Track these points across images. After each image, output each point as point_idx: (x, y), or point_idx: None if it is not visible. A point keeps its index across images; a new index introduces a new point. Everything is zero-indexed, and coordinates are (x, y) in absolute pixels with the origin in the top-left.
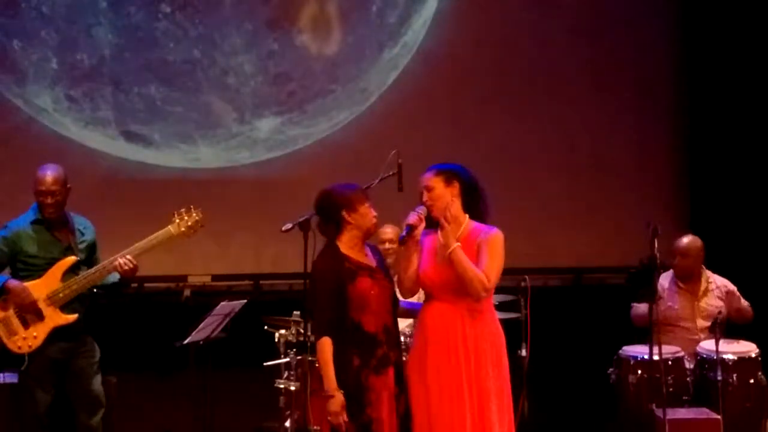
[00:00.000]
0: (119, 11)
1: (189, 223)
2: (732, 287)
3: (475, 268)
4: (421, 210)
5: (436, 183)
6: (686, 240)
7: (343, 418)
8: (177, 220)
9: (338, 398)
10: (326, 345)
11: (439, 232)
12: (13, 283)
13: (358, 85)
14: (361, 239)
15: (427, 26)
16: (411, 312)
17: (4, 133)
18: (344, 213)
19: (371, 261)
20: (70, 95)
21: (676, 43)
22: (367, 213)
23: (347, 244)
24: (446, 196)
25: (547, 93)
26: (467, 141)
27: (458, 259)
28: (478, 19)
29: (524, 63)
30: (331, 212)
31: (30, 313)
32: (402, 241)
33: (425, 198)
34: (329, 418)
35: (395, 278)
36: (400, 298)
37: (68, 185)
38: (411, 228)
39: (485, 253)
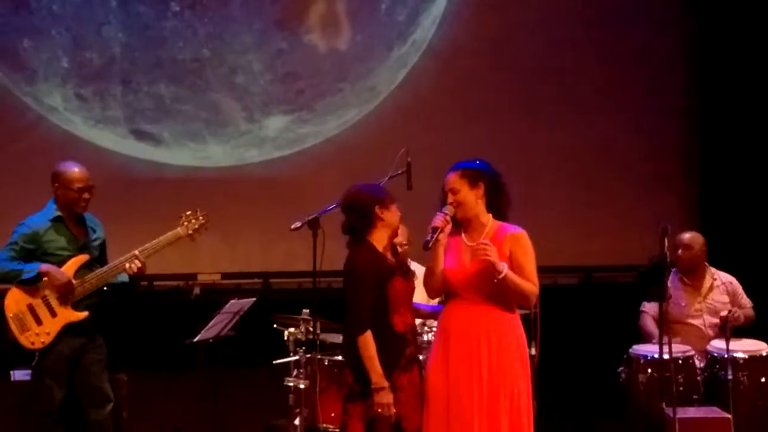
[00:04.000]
0: (129, 10)
1: (196, 227)
2: (736, 283)
3: (525, 282)
4: (447, 210)
5: (462, 185)
6: (689, 234)
7: (393, 410)
8: (185, 223)
9: (388, 390)
10: (369, 339)
11: (462, 235)
12: (46, 266)
13: (367, 84)
14: (390, 238)
15: (436, 24)
16: (432, 314)
17: (14, 131)
18: (378, 209)
19: (395, 261)
20: (80, 94)
21: (688, 41)
22: (396, 212)
23: (379, 243)
24: (471, 198)
25: (556, 91)
26: (476, 139)
27: (511, 282)
28: (487, 17)
29: (533, 61)
30: (363, 209)
31: (62, 297)
32: (426, 246)
33: (450, 200)
34: (379, 410)
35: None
36: (424, 299)
37: None
38: (437, 231)
39: (521, 259)
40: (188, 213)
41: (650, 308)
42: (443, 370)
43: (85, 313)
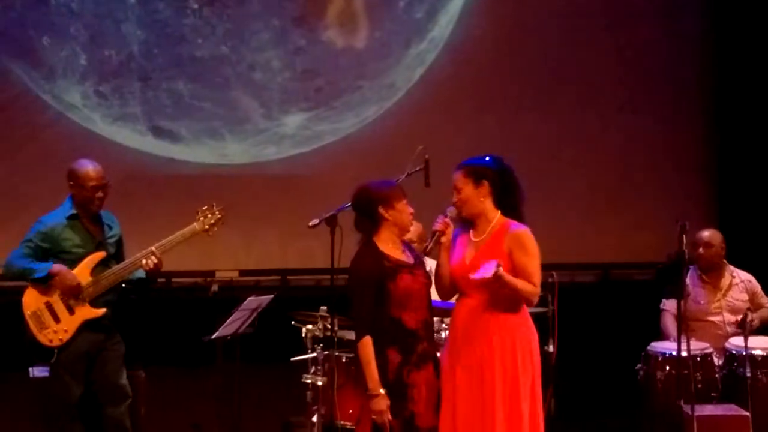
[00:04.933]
0: (147, 7)
1: (212, 221)
2: (755, 282)
3: (522, 282)
4: (451, 211)
5: (465, 184)
6: (708, 231)
7: (388, 417)
8: (201, 218)
9: (382, 397)
10: (368, 344)
11: (471, 232)
12: (57, 266)
13: (385, 81)
14: (398, 236)
15: (454, 21)
16: (446, 311)
17: (33, 128)
18: (381, 209)
19: (409, 257)
20: (98, 91)
21: (706, 36)
22: (404, 209)
23: (385, 241)
24: (475, 197)
25: (573, 88)
26: (494, 136)
27: (508, 284)
28: (505, 14)
29: (551, 57)
30: (367, 208)
31: (73, 298)
32: (424, 251)
33: (455, 198)
34: (374, 417)
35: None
36: (437, 298)
37: None
38: (435, 234)
39: (520, 258)
40: (204, 208)
41: (671, 306)
42: (450, 367)
43: (103, 310)
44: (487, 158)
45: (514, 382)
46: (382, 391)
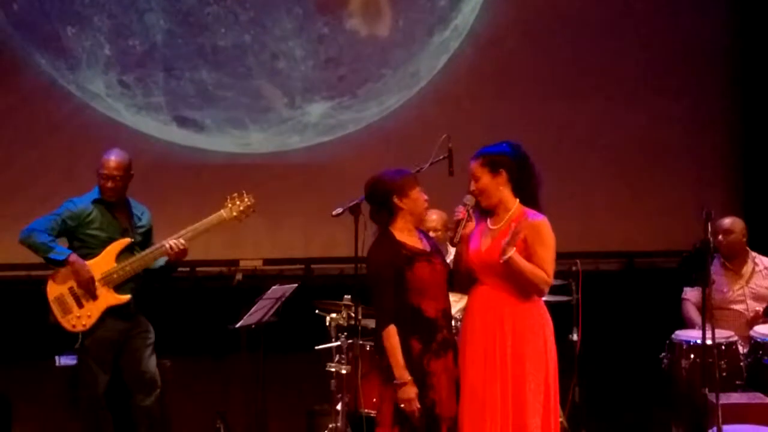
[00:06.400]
0: None
1: (241, 208)
2: None
3: (534, 267)
4: (468, 199)
5: (483, 173)
6: (729, 219)
7: (416, 405)
8: (229, 205)
9: (411, 385)
10: (392, 333)
11: (488, 220)
12: (75, 257)
13: (409, 69)
14: (414, 224)
15: (478, 9)
16: None
17: (58, 119)
18: (395, 199)
19: (426, 245)
20: (122, 81)
21: (730, 22)
22: (419, 198)
23: (401, 230)
24: (493, 186)
25: (597, 76)
26: (518, 125)
27: (516, 265)
28: (527, 1)
29: (574, 46)
30: (382, 199)
31: (85, 291)
32: (451, 242)
33: (472, 187)
34: (402, 405)
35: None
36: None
37: (131, 172)
38: (460, 224)
39: (535, 246)
40: (234, 195)
41: (692, 296)
42: (464, 353)
43: (127, 297)
44: (505, 145)
45: (521, 369)
46: (409, 380)
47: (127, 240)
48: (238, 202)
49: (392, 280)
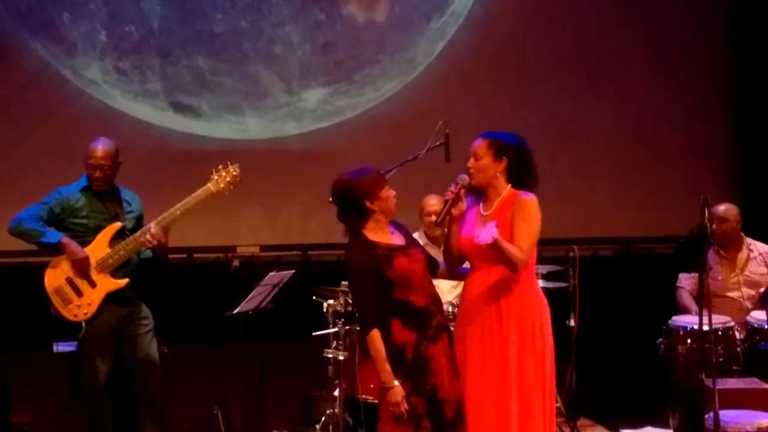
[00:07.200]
0: None
1: (228, 179)
2: None
3: (511, 246)
4: (462, 179)
5: (486, 154)
6: (723, 206)
7: (405, 406)
8: (215, 177)
9: (397, 389)
10: (376, 338)
11: (481, 204)
12: (67, 239)
13: (406, 55)
14: (385, 222)
15: None
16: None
17: (53, 105)
18: (367, 203)
19: (398, 239)
20: (118, 67)
21: (728, 10)
22: (388, 196)
23: (373, 231)
24: (492, 169)
25: (594, 62)
26: (515, 111)
27: (500, 247)
28: None
29: (572, 33)
30: (353, 204)
31: (83, 277)
32: (436, 222)
33: (470, 163)
34: (391, 408)
35: (440, 249)
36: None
37: (119, 160)
38: (447, 203)
39: (518, 222)
40: (219, 167)
41: (687, 284)
42: (462, 339)
43: (125, 281)
44: (513, 137)
45: (520, 352)
46: (396, 382)
47: (118, 224)
48: (224, 173)
49: (372, 282)
